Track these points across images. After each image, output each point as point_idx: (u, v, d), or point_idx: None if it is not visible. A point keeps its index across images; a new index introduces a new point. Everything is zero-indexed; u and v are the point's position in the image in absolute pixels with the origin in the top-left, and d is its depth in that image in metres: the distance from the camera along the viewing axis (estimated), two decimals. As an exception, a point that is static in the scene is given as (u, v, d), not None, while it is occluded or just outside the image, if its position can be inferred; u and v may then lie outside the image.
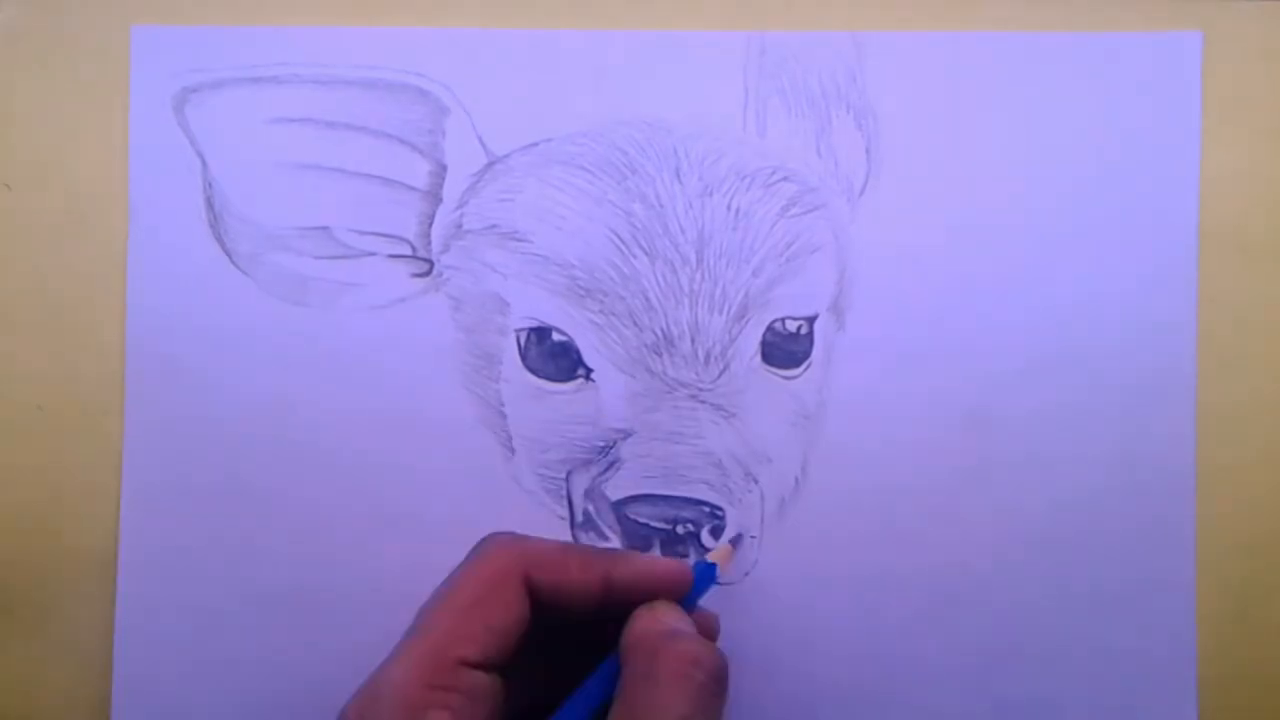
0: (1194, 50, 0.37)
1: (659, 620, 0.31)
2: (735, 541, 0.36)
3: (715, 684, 0.29)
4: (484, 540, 0.32)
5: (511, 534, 0.32)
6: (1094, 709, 0.37)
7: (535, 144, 0.37)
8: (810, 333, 0.37)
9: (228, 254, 0.37)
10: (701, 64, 0.37)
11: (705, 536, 0.37)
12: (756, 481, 0.37)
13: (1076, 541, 0.37)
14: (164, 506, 0.37)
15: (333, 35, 0.37)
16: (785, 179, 0.37)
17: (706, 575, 0.33)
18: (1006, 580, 0.37)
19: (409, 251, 0.37)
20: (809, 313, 0.37)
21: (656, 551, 0.37)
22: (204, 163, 0.37)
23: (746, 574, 0.37)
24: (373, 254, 0.37)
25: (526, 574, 0.31)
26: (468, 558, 0.32)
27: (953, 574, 0.37)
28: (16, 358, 0.38)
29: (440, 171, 0.37)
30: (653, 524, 0.36)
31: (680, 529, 0.37)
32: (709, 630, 0.34)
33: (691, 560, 0.36)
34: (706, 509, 0.36)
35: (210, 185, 0.37)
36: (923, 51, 0.37)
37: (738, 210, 0.37)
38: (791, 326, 0.37)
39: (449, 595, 0.30)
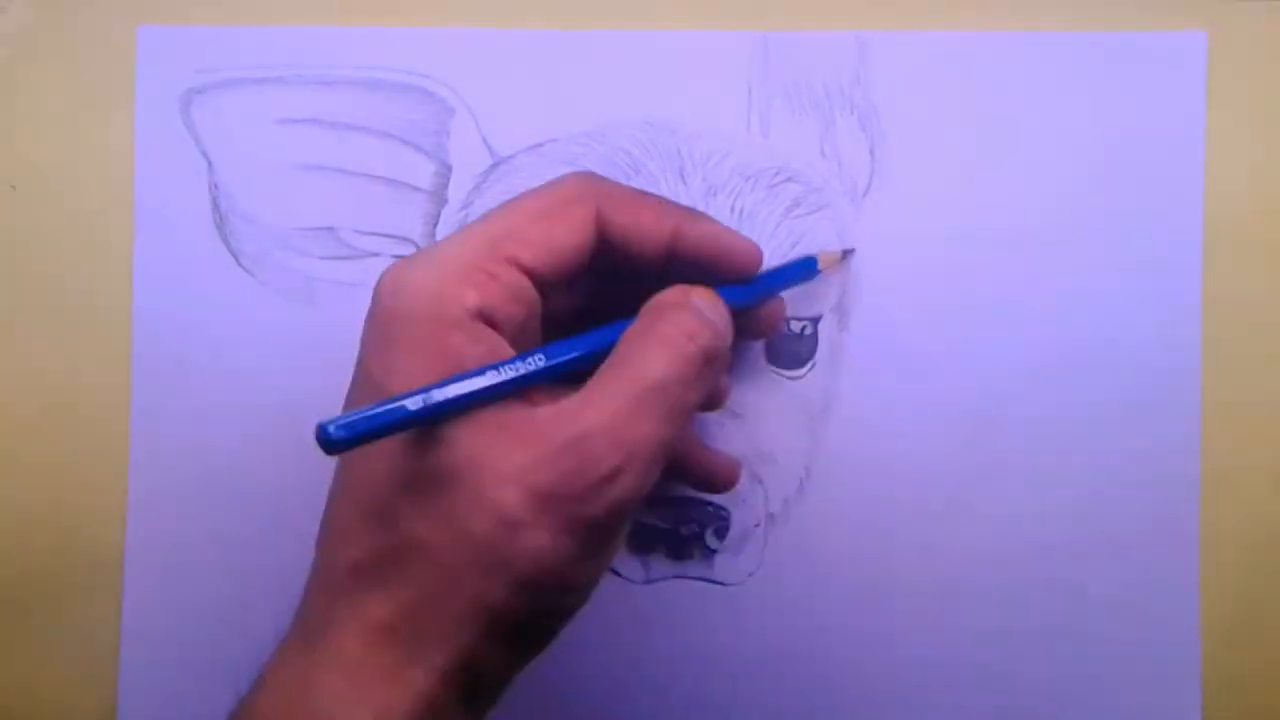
0: (1199, 50, 0.37)
1: (685, 293, 0.30)
2: (847, 254, 0.36)
3: (704, 360, 0.29)
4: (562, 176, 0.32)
5: (592, 173, 0.32)
6: (1098, 711, 0.37)
7: (540, 145, 0.37)
8: (814, 333, 0.37)
9: (233, 254, 0.37)
10: (705, 64, 0.37)
11: (709, 537, 0.37)
12: (761, 482, 0.37)
13: (1081, 543, 0.37)
14: (170, 507, 0.37)
15: (338, 36, 0.37)
16: (789, 180, 0.37)
17: (803, 268, 0.33)
18: (1010, 581, 0.37)
19: (413, 252, 0.37)
20: (813, 313, 0.37)
21: (661, 555, 0.37)
22: (210, 163, 0.37)
23: (750, 574, 0.37)
24: (377, 254, 0.37)
25: (599, 205, 0.30)
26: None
27: (957, 575, 0.37)
28: (23, 358, 0.38)
29: (445, 172, 0.37)
30: (657, 524, 0.37)
31: (685, 530, 0.37)
32: (773, 318, 0.34)
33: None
34: (711, 509, 0.37)
35: (216, 186, 0.37)
36: (927, 51, 0.37)
37: (742, 211, 0.37)
38: (795, 327, 0.37)
39: (516, 201, 0.30)
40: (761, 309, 0.34)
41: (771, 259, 0.37)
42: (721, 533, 0.37)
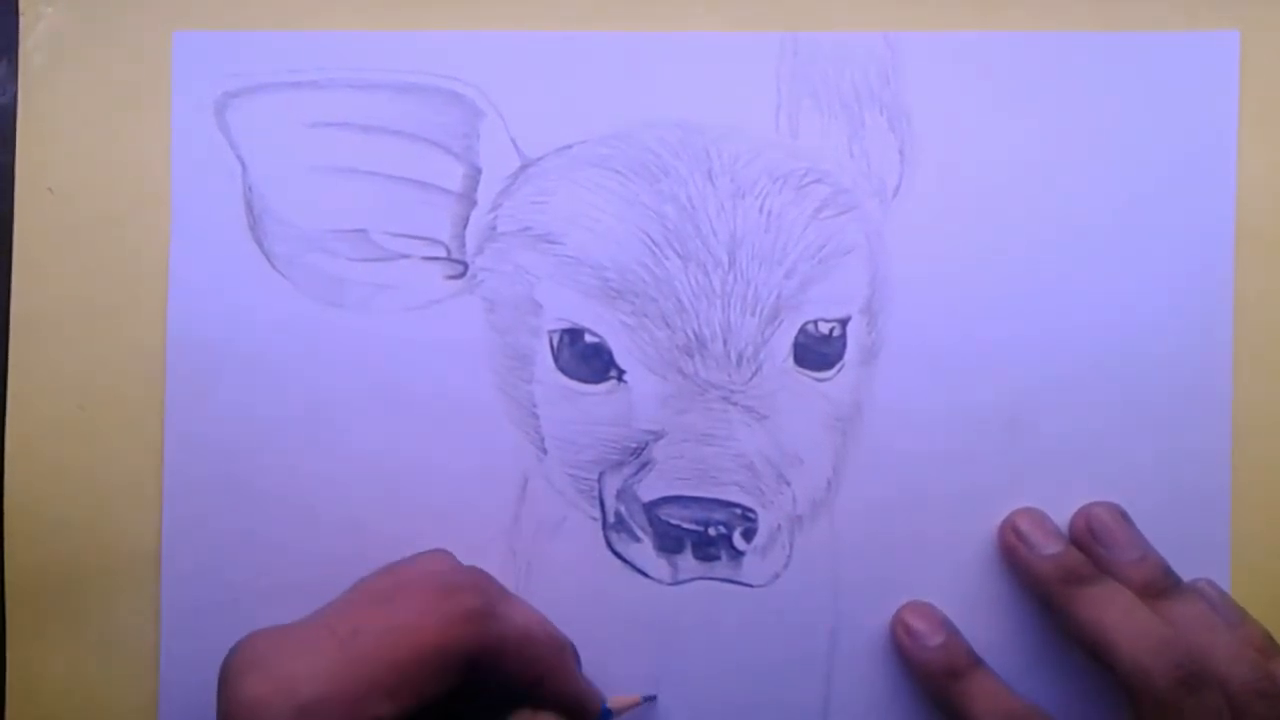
0: (1231, 49, 0.37)
1: None
2: (647, 699, 0.37)
3: None
4: (459, 593, 0.32)
5: (488, 597, 0.32)
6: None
7: (568, 146, 0.37)
8: (843, 335, 0.37)
9: (266, 256, 0.38)
10: (734, 65, 0.37)
11: (737, 538, 0.37)
12: (789, 484, 0.37)
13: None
14: (204, 504, 0.37)
15: (369, 40, 0.38)
16: (818, 181, 0.37)
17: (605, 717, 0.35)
18: (1041, 583, 0.37)
19: (443, 254, 0.38)
20: (841, 314, 0.37)
21: (689, 554, 0.37)
22: (244, 166, 0.38)
23: (777, 576, 0.37)
24: (407, 256, 0.38)
25: (471, 654, 0.31)
26: (441, 591, 0.32)
27: (986, 578, 0.37)
28: (59, 358, 0.38)
29: (474, 174, 0.38)
30: (684, 525, 0.37)
31: (712, 530, 0.37)
32: None
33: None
34: (738, 511, 0.36)
35: (250, 188, 0.38)
36: (956, 51, 0.37)
37: (770, 212, 0.37)
38: (824, 328, 0.37)
39: (402, 637, 0.31)
40: None
41: (800, 260, 0.37)
42: (749, 534, 0.37)
